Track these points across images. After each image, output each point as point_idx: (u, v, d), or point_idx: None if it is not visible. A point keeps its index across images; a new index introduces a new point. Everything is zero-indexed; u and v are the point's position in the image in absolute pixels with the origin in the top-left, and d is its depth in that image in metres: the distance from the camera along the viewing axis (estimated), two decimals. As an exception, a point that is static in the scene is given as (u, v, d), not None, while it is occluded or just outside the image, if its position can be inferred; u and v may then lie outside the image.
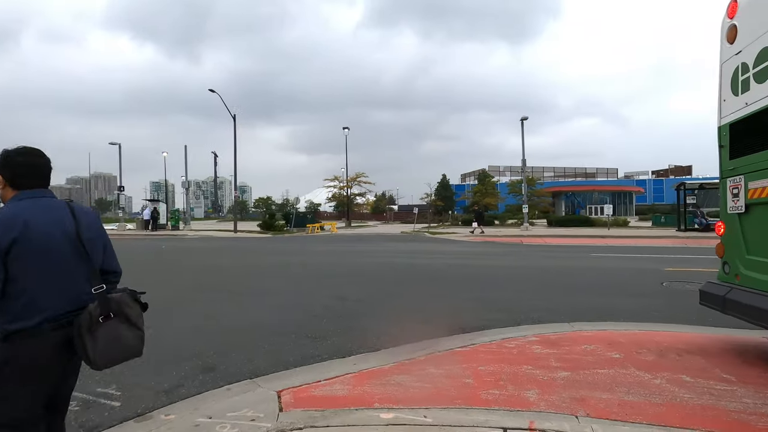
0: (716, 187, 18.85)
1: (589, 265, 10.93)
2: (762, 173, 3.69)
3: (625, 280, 8.27)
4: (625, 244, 17.24)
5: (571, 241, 19.44)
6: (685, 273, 8.92)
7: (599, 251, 14.49)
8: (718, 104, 4.41)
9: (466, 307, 6.24)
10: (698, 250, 14.34)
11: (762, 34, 3.72)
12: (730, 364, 3.61)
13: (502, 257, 13.29)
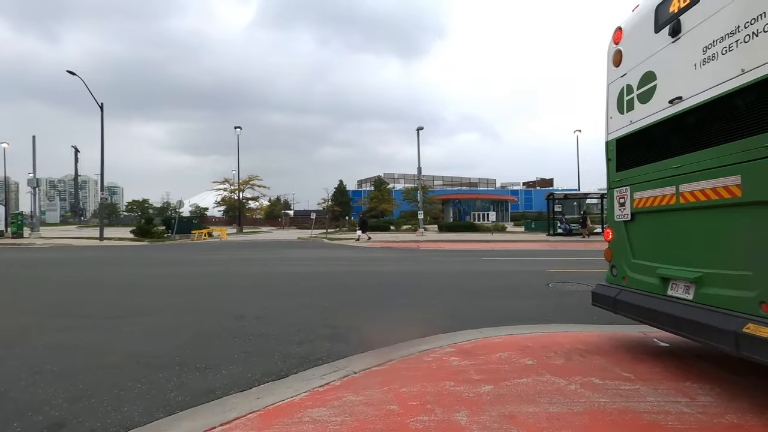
0: (578, 198, 21.85)
1: (483, 269, 11.59)
2: (645, 185, 4.06)
3: (518, 283, 8.86)
4: (509, 248, 18.93)
5: (463, 245, 20.72)
6: (565, 274, 9.94)
7: (489, 255, 15.60)
8: (606, 121, 4.82)
9: (375, 317, 5.96)
10: (567, 252, 16.34)
11: (644, 60, 4.12)
12: (625, 361, 3.88)
13: (403, 263, 13.45)
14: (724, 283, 3.14)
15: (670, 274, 3.70)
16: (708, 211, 3.34)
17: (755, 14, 2.90)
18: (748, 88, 2.95)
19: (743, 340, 2.78)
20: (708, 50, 3.31)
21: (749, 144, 2.93)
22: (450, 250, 18.20)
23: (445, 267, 12.14)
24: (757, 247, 2.87)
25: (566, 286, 8.25)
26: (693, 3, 3.50)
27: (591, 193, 33.87)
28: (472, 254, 16.14)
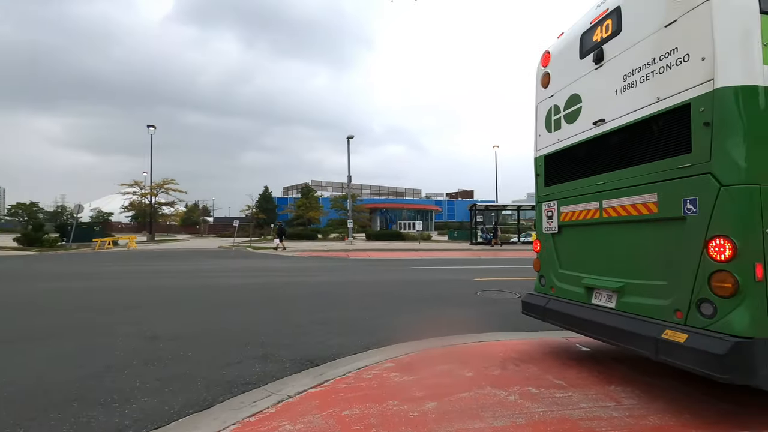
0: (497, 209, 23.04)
1: (414, 278, 11.74)
2: (572, 200, 4.33)
3: (448, 292, 9.06)
4: (435, 257, 19.50)
5: (392, 254, 20.93)
6: (490, 282, 10.39)
7: (417, 264, 15.89)
8: (534, 138, 5.09)
9: (308, 331, 5.66)
10: (489, 261, 17.23)
11: (570, 83, 4.41)
12: (555, 368, 4.06)
13: (334, 272, 13.17)
14: (643, 293, 3.40)
15: (594, 284, 3.95)
16: (628, 226, 3.62)
17: (668, 49, 3.21)
18: (663, 115, 3.25)
19: (662, 345, 3.01)
20: (628, 78, 3.61)
21: (664, 165, 3.22)
22: (380, 259, 18.27)
23: (377, 276, 12.10)
24: (671, 260, 3.14)
25: (492, 294, 8.61)
26: (614, 34, 3.82)
27: (508, 205, 36.42)
28: (402, 263, 16.34)
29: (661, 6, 3.27)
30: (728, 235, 2.72)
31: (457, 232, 45.75)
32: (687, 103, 3.02)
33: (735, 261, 2.69)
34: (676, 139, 3.12)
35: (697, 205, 2.93)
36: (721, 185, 2.78)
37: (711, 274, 2.81)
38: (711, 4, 2.89)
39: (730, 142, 2.77)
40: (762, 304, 2.62)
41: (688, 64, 3.04)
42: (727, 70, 2.79)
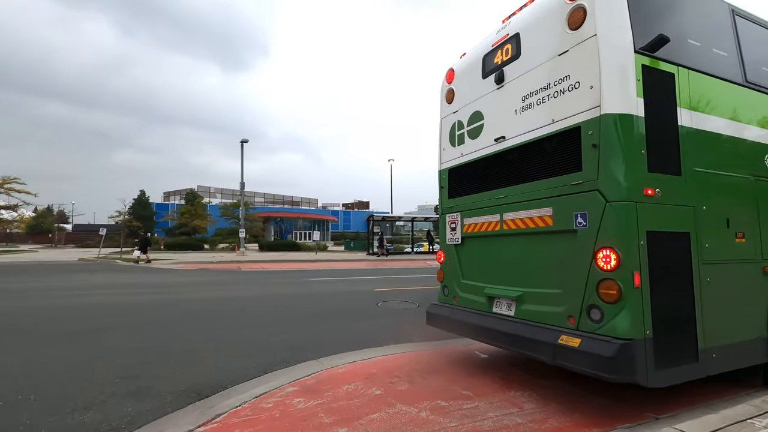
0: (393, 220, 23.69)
1: (313, 290, 11.31)
2: (474, 212, 4.49)
3: (349, 304, 8.87)
4: (333, 267, 19.22)
5: (288, 265, 20.07)
6: (390, 293, 10.48)
7: (315, 275, 15.44)
8: (439, 152, 5.22)
9: (196, 356, 4.95)
10: (387, 271, 17.55)
11: (474, 100, 4.61)
12: (461, 377, 4.11)
13: (225, 287, 12.05)
14: (540, 301, 3.62)
15: (495, 293, 4.11)
16: (526, 238, 3.85)
17: (562, 75, 3.50)
18: (557, 135, 3.53)
19: (558, 350, 3.21)
20: (526, 99, 3.87)
21: (558, 182, 3.49)
22: (276, 271, 17.35)
23: (274, 290, 11.38)
24: (564, 269, 3.39)
25: (393, 305, 8.66)
26: (514, 58, 4.08)
27: (402, 216, 37.93)
28: (299, 275, 15.73)
29: (556, 36, 3.57)
30: (613, 246, 3.01)
31: (354, 242, 46.14)
32: (578, 126, 3.31)
33: (619, 270, 2.97)
34: (568, 158, 3.40)
35: (587, 219, 3.20)
36: (606, 201, 3.07)
37: (599, 282, 3.08)
38: (597, 39, 3.22)
39: (613, 163, 3.09)
40: (639, 308, 2.94)
41: (578, 91, 3.34)
42: (610, 99, 3.12)
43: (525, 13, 4.06)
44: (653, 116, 3.19)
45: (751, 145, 3.85)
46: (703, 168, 3.44)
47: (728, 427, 2.72)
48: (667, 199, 3.19)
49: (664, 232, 3.15)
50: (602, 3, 3.24)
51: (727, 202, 3.60)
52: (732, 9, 4.01)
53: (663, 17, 3.49)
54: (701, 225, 3.35)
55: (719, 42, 3.87)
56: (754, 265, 3.69)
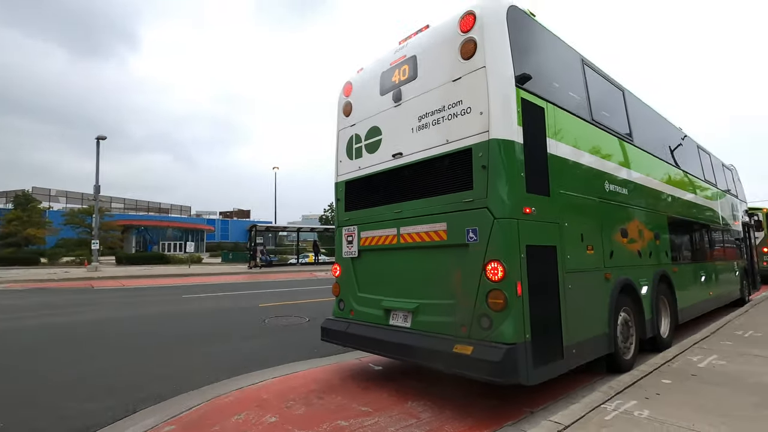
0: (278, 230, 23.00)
1: (187, 308, 10.16)
2: (371, 225, 4.54)
3: (232, 323, 8.16)
4: (211, 282, 17.62)
5: (156, 281, 17.77)
6: (277, 308, 9.96)
7: (190, 291, 13.94)
8: (336, 164, 5.18)
9: (36, 402, 3.98)
10: (272, 284, 16.73)
11: (372, 115, 4.69)
12: (358, 393, 4.05)
13: (75, 309, 10.04)
14: (435, 312, 3.78)
15: (391, 305, 4.18)
16: (422, 251, 4.00)
17: (455, 100, 3.76)
18: (451, 155, 3.77)
19: (453, 359, 3.38)
20: (423, 119, 4.06)
21: (452, 198, 3.72)
22: (140, 288, 15.18)
23: (137, 310, 9.90)
24: (457, 281, 3.62)
25: (281, 321, 8.24)
26: (411, 79, 4.27)
27: (288, 226, 36.79)
28: (170, 291, 14.02)
29: (450, 63, 3.83)
30: (500, 259, 3.30)
31: (232, 253, 43.00)
32: (469, 148, 3.59)
33: (504, 281, 3.27)
34: (461, 177, 3.65)
35: (478, 234, 3.46)
36: (494, 218, 3.37)
37: (488, 292, 3.34)
38: (486, 70, 3.55)
39: (499, 184, 3.41)
40: (521, 314, 3.26)
41: (470, 116, 3.62)
42: (497, 126, 3.45)
43: (422, 38, 4.29)
44: (530, 143, 3.62)
45: (596, 173, 4.64)
46: (564, 190, 4.02)
47: (588, 414, 3.16)
48: (540, 217, 3.63)
49: (538, 246, 3.58)
50: (490, 38, 3.59)
51: (581, 219, 4.26)
52: (582, 59, 4.82)
53: (535, 59, 4.02)
54: (564, 239, 3.90)
55: (574, 85, 4.60)
56: (599, 272, 4.43)
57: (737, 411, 3.25)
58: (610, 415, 3.16)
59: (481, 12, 3.65)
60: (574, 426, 2.96)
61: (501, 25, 3.61)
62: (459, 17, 3.78)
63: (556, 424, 2.99)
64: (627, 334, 4.77)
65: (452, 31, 3.85)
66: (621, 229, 4.98)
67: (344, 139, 5.07)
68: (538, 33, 4.13)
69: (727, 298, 8.99)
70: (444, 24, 4.06)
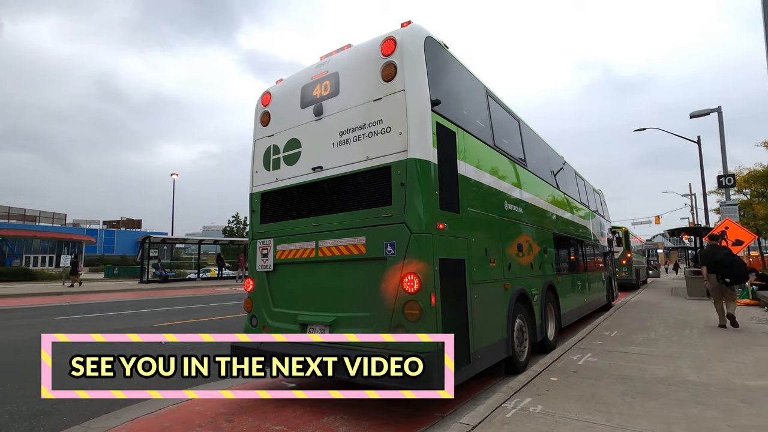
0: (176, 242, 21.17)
1: (64, 331, 8.77)
2: (288, 238, 4.47)
3: (119, 347, 7.24)
4: (95, 300, 15.47)
5: (21, 301, 15.06)
6: (176, 327, 9.10)
7: (67, 312, 12.07)
8: (251, 174, 5.01)
9: None
10: (167, 301, 15.23)
11: (291, 127, 4.66)
12: (271, 412, 3.90)
13: None
14: (352, 324, 3.83)
15: (308, 319, 4.14)
16: (341, 264, 4.05)
17: (376, 119, 3.92)
18: (371, 171, 3.90)
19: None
20: (344, 135, 4.15)
21: (371, 213, 3.84)
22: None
23: (1, 335, 8.29)
24: (375, 293, 3.72)
25: (180, 342, 7.54)
26: (332, 95, 4.34)
27: (188, 238, 33.88)
28: (40, 313, 11.97)
29: (372, 83, 3.99)
30: (416, 272, 3.49)
31: (119, 268, 38.15)
32: (388, 165, 3.76)
33: (420, 292, 3.46)
34: (380, 193, 3.80)
35: (395, 248, 3.62)
36: (411, 233, 3.56)
37: (404, 303, 3.50)
38: (405, 93, 3.77)
39: (416, 201, 3.61)
40: (433, 324, 3.47)
41: (390, 135, 3.80)
42: (415, 146, 3.67)
43: (344, 56, 4.40)
44: (443, 164, 3.90)
45: (497, 193, 5.15)
46: (471, 208, 4.39)
47: (492, 413, 3.45)
48: (452, 232, 3.92)
49: (449, 259, 3.85)
50: (409, 63, 3.83)
51: (485, 235, 4.68)
52: (486, 90, 5.36)
53: (447, 87, 4.37)
54: (471, 253, 4.25)
55: (480, 113, 5.09)
56: (499, 282, 4.89)
57: (609, 399, 3.81)
58: (510, 412, 3.49)
59: (401, 38, 3.89)
60: (481, 426, 3.21)
61: (419, 53, 3.88)
62: (381, 41, 3.98)
63: (465, 425, 3.21)
64: (522, 339, 5.31)
65: (374, 53, 4.03)
66: (517, 243, 5.57)
67: (261, 149, 4.94)
68: (450, 63, 4.51)
69: (598, 304, 10.47)
70: (366, 45, 4.22)
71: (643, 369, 4.86)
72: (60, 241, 54.16)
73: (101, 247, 66.61)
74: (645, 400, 3.77)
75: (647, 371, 4.76)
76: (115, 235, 72.28)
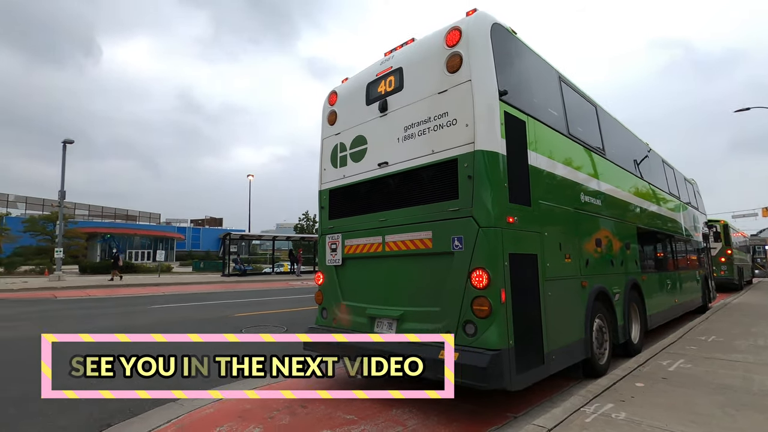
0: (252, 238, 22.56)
1: (156, 319, 9.81)
2: (355, 233, 4.56)
3: (207, 333, 7.94)
4: (182, 291, 17.09)
5: (122, 291, 17.09)
6: (253, 317, 9.76)
7: (159, 301, 13.47)
8: (320, 172, 5.19)
9: (25, 410, 3.76)
10: (246, 294, 16.38)
11: (357, 125, 4.74)
12: (342, 403, 4.01)
13: (35, 322, 9.52)
14: (420, 319, 3.83)
15: (376, 313, 4.20)
16: (407, 259, 4.06)
17: (441, 112, 3.87)
18: (436, 165, 3.86)
19: (440, 365, 3.41)
20: (408, 129, 4.15)
21: (437, 207, 3.80)
22: (105, 299, 14.55)
23: (102, 322, 9.49)
24: (442, 288, 3.68)
25: (258, 330, 8.09)
26: (397, 90, 4.35)
27: (263, 235, 36.14)
28: (137, 302, 13.50)
29: (436, 76, 3.94)
30: (485, 267, 3.39)
31: (203, 262, 41.80)
32: (455, 159, 3.69)
33: (489, 288, 3.36)
34: (446, 187, 3.74)
35: (463, 243, 3.55)
36: (479, 227, 3.46)
37: (473, 299, 3.42)
38: (471, 84, 3.67)
39: (484, 194, 3.51)
40: (504, 321, 3.35)
41: (456, 127, 3.73)
42: (483, 138, 3.57)
43: (408, 51, 4.39)
44: (512, 155, 3.75)
45: (572, 184, 4.83)
46: (544, 201, 4.17)
47: (569, 417, 3.26)
48: (522, 226, 3.76)
49: (520, 254, 3.69)
50: (475, 53, 3.72)
51: (560, 229, 4.42)
52: (559, 75, 5.05)
53: (516, 75, 4.18)
54: (544, 248, 4.03)
55: (552, 100, 4.80)
56: (576, 280, 4.59)
57: (706, 410, 3.42)
58: (589, 417, 3.27)
59: (466, 27, 3.79)
60: (557, 429, 3.05)
61: (485, 41, 3.75)
62: (445, 32, 3.90)
63: (540, 427, 3.07)
64: (602, 340, 4.95)
65: (438, 45, 3.97)
66: (595, 238, 5.19)
67: (329, 147, 5.10)
68: (519, 50, 4.31)
69: (691, 305, 9.44)
70: (430, 38, 4.18)
71: (748, 379, 4.31)
72: (155, 238, 60.40)
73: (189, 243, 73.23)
74: (751, 414, 3.34)
75: (754, 382, 4.21)
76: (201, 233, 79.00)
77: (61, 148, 21.73)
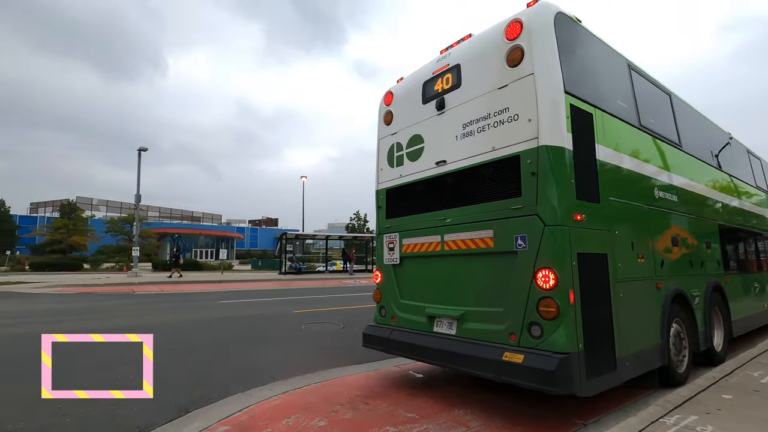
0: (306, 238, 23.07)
1: (225, 314, 10.42)
2: (414, 232, 4.56)
3: (270, 328, 8.33)
4: (244, 288, 18.02)
5: (191, 287, 18.33)
6: (312, 314, 10.09)
7: (225, 297, 14.30)
8: (376, 172, 5.24)
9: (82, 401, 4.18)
10: (303, 291, 16.95)
11: (413, 124, 4.74)
12: (403, 400, 4.05)
13: (118, 315, 10.50)
14: (482, 319, 3.75)
15: (436, 312, 4.18)
16: (468, 258, 3.99)
17: (501, 107, 3.76)
18: (497, 162, 3.76)
19: (503, 366, 3.34)
20: (467, 127, 4.08)
21: (499, 206, 3.70)
22: (177, 294, 15.69)
23: (178, 316, 10.24)
24: (505, 289, 3.58)
25: (317, 327, 8.35)
26: (454, 87, 4.30)
27: (317, 234, 37.23)
28: (206, 297, 14.42)
29: (496, 71, 3.84)
30: (551, 267, 3.25)
31: (261, 261, 43.91)
32: (517, 155, 3.57)
33: (556, 288, 3.22)
34: (508, 184, 3.64)
35: (527, 242, 3.43)
36: (545, 225, 3.33)
37: (539, 300, 3.29)
38: (534, 77, 3.53)
39: (550, 191, 3.37)
40: (573, 323, 3.20)
41: (517, 123, 3.61)
42: (547, 132, 3.42)
43: (465, 46, 4.32)
44: (579, 150, 3.56)
45: (644, 179, 4.52)
46: (614, 197, 3.93)
47: (647, 428, 3.05)
48: (591, 224, 3.56)
49: (589, 254, 3.50)
50: (538, 45, 3.58)
51: (632, 227, 4.15)
52: (628, 63, 4.73)
53: (582, 65, 3.97)
54: (615, 247, 3.80)
55: (621, 90, 4.52)
56: (650, 281, 4.29)
57: (810, 430, 3.07)
58: (670, 429, 3.05)
59: (528, 19, 3.66)
60: (634, 440, 2.87)
61: (549, 32, 3.60)
62: (505, 25, 3.80)
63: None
64: (680, 347, 4.59)
65: (497, 39, 3.87)
66: (671, 237, 4.82)
67: (385, 147, 5.14)
68: (584, 39, 4.09)
69: (783, 312, 8.47)
70: (488, 32, 4.08)
71: None
72: (218, 238, 64.14)
73: (247, 242, 77.03)
74: None
75: None
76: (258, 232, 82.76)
77: (137, 155, 23.70)
